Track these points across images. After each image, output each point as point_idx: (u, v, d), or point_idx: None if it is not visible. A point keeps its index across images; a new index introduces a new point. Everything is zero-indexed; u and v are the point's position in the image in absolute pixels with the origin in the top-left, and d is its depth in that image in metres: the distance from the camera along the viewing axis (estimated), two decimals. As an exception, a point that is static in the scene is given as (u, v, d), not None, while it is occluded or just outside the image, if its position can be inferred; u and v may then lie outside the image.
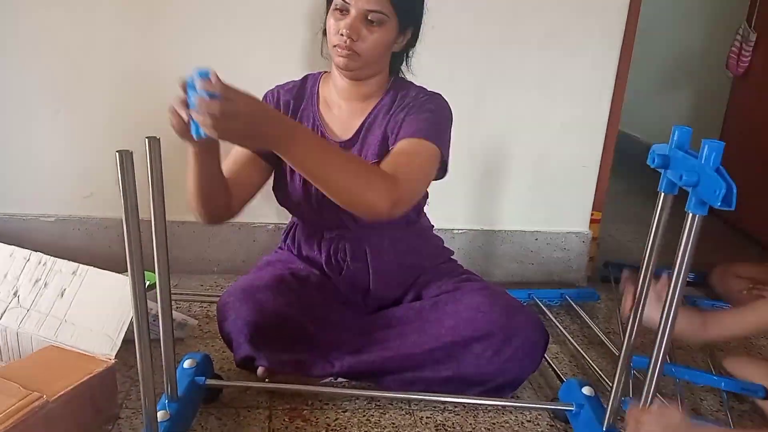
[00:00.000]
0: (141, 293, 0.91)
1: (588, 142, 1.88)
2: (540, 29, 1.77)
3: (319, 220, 1.37)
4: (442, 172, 1.30)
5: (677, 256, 0.91)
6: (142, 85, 1.70)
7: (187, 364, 1.23)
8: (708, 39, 3.15)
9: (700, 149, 0.85)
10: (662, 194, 0.98)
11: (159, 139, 0.94)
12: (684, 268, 0.91)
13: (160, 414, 1.06)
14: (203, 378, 1.23)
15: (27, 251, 1.34)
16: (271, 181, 1.36)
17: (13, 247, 1.35)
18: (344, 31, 1.20)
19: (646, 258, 1.02)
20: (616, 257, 2.14)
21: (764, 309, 1.24)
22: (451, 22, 1.70)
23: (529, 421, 1.31)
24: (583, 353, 1.55)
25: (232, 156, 1.29)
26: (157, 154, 0.94)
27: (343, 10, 1.21)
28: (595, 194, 1.94)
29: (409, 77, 1.41)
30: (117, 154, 0.82)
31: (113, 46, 1.69)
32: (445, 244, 1.54)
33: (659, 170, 0.96)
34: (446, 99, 1.33)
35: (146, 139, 0.93)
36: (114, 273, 1.28)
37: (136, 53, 1.70)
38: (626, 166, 2.69)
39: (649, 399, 0.98)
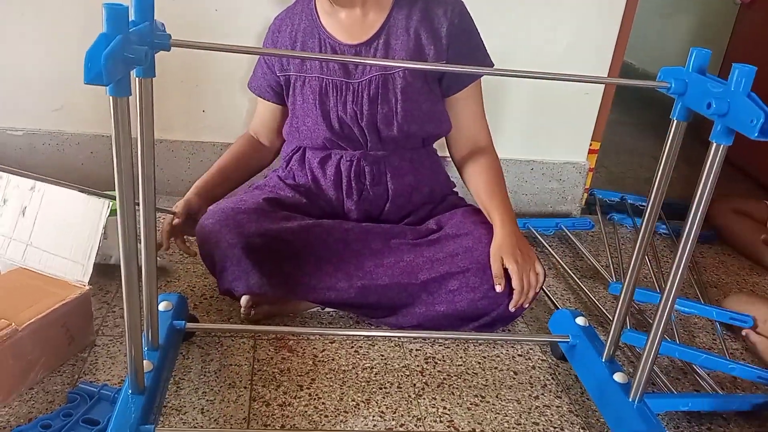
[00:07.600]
0: (131, 230, 0.81)
1: (593, 66, 1.77)
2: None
3: (341, 142, 1.30)
4: None
5: (697, 190, 0.85)
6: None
7: (162, 306, 1.12)
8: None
9: (730, 74, 0.78)
10: (675, 121, 0.91)
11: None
12: (704, 202, 0.85)
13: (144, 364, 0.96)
14: (183, 322, 1.12)
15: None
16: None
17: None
18: None
19: (655, 190, 0.95)
20: (606, 188, 2.10)
21: None
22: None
23: (521, 355, 1.27)
24: (579, 282, 1.52)
25: (258, 116, 1.44)
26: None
27: None
28: (595, 123, 1.86)
29: None
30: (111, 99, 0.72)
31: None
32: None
33: (673, 96, 0.88)
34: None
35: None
36: (73, 190, 1.15)
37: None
38: (620, 94, 2.61)
39: (659, 334, 0.95)
